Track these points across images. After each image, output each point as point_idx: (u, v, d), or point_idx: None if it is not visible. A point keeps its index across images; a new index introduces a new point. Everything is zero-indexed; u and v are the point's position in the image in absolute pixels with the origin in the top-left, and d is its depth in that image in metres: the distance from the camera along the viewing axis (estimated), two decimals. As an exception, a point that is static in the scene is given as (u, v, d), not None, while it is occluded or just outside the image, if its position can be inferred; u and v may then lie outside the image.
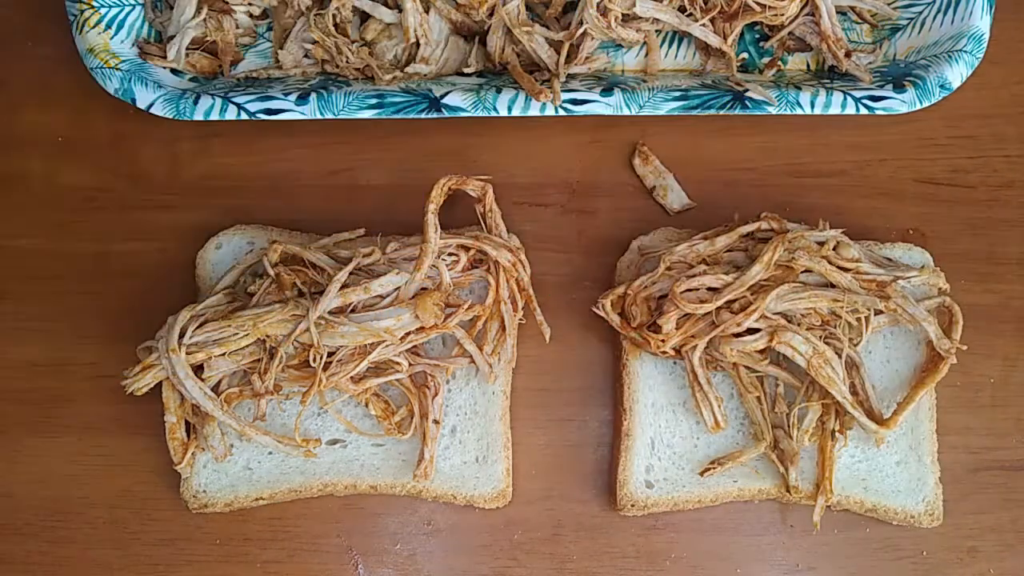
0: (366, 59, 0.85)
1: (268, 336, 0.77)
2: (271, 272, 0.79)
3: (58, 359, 0.87)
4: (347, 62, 0.85)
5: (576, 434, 0.86)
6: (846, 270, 0.80)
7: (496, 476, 0.82)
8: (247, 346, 0.77)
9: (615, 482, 0.82)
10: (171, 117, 0.82)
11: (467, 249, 0.80)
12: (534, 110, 0.81)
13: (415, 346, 0.80)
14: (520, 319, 0.82)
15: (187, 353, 0.76)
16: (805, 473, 0.81)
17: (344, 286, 0.77)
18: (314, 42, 0.86)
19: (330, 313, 0.77)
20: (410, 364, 0.80)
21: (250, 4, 0.87)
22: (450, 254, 0.80)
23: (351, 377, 0.78)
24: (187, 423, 0.81)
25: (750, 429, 0.82)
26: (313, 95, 0.82)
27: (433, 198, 0.79)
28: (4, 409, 0.87)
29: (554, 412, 0.86)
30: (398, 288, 0.78)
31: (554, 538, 0.85)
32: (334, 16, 0.84)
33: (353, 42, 0.86)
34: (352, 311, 0.78)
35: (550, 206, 0.89)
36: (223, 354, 0.77)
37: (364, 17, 0.86)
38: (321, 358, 0.76)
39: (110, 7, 0.85)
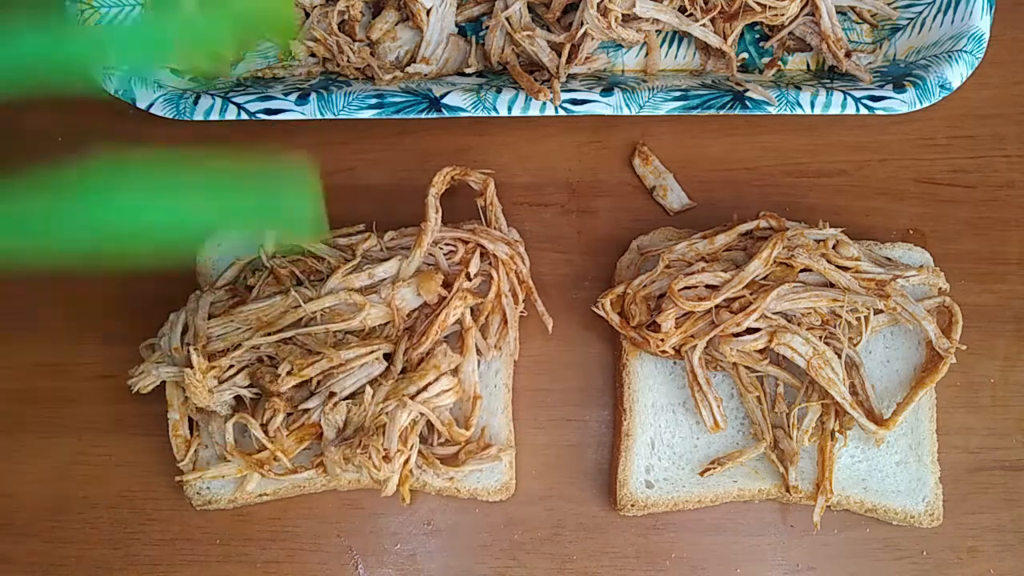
0: (367, 59, 0.85)
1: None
2: (267, 263, 0.80)
3: (58, 359, 0.87)
4: (348, 61, 0.85)
5: (576, 434, 0.86)
6: (845, 269, 0.80)
7: (499, 468, 0.82)
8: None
9: (615, 482, 0.82)
10: (171, 117, 0.82)
11: (465, 242, 0.80)
12: (534, 110, 0.81)
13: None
14: (522, 311, 0.82)
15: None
16: (805, 473, 0.81)
17: (347, 272, 0.78)
18: (316, 40, 0.86)
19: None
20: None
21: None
22: (446, 244, 0.80)
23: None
24: (190, 420, 0.81)
25: (750, 429, 0.82)
26: (313, 95, 0.82)
27: (435, 183, 0.79)
28: (4, 409, 0.87)
29: (554, 412, 0.86)
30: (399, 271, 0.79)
31: (554, 538, 0.85)
32: (341, 14, 0.84)
33: (356, 41, 0.86)
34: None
35: (550, 206, 0.89)
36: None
37: (374, 14, 0.86)
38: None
39: (110, 7, 0.85)
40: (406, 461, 0.77)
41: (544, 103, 0.81)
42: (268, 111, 0.82)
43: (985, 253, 0.88)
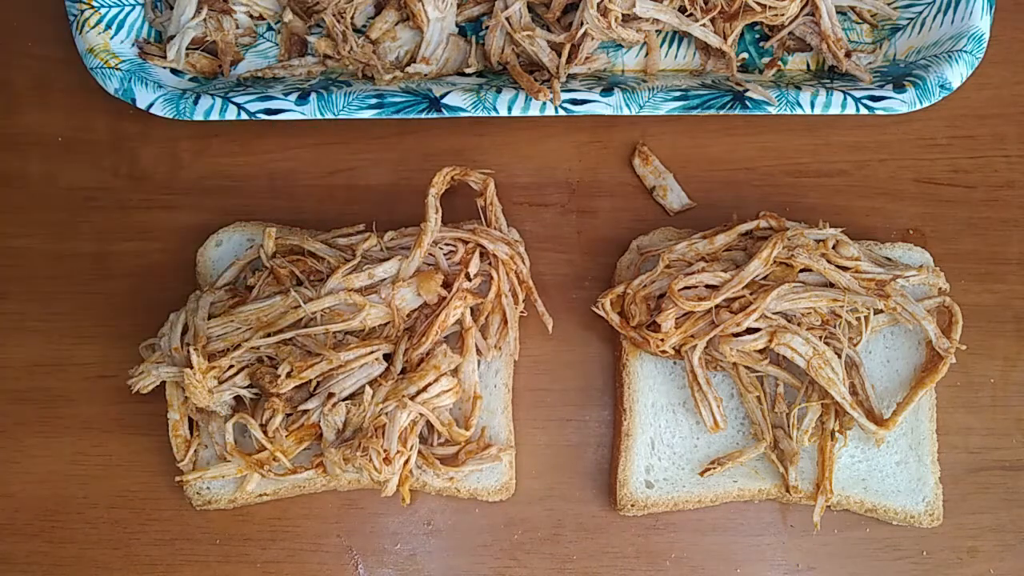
0: (369, 55, 0.85)
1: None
2: (267, 263, 0.80)
3: (58, 359, 0.87)
4: (350, 52, 0.85)
5: (576, 434, 0.86)
6: (845, 269, 0.80)
7: (499, 468, 0.82)
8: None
9: (615, 482, 0.82)
10: (171, 117, 0.82)
11: (465, 242, 0.80)
12: (534, 110, 0.81)
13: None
14: (522, 311, 0.82)
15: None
16: (805, 473, 0.81)
17: (347, 272, 0.78)
18: (317, 34, 0.86)
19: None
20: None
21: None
22: (446, 244, 0.80)
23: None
24: (190, 420, 0.81)
25: (750, 429, 0.82)
26: (313, 95, 0.82)
27: (435, 183, 0.80)
28: (4, 409, 0.87)
29: (554, 412, 0.86)
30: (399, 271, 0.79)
31: (554, 538, 0.85)
32: (343, 12, 0.85)
33: (360, 36, 0.86)
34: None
35: (550, 206, 0.89)
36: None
37: (374, 14, 0.87)
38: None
39: (110, 7, 0.85)
40: (406, 462, 0.77)
41: (544, 103, 0.81)
42: (268, 111, 0.82)
43: (985, 253, 0.88)
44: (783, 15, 0.84)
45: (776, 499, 0.83)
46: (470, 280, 0.79)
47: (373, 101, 0.82)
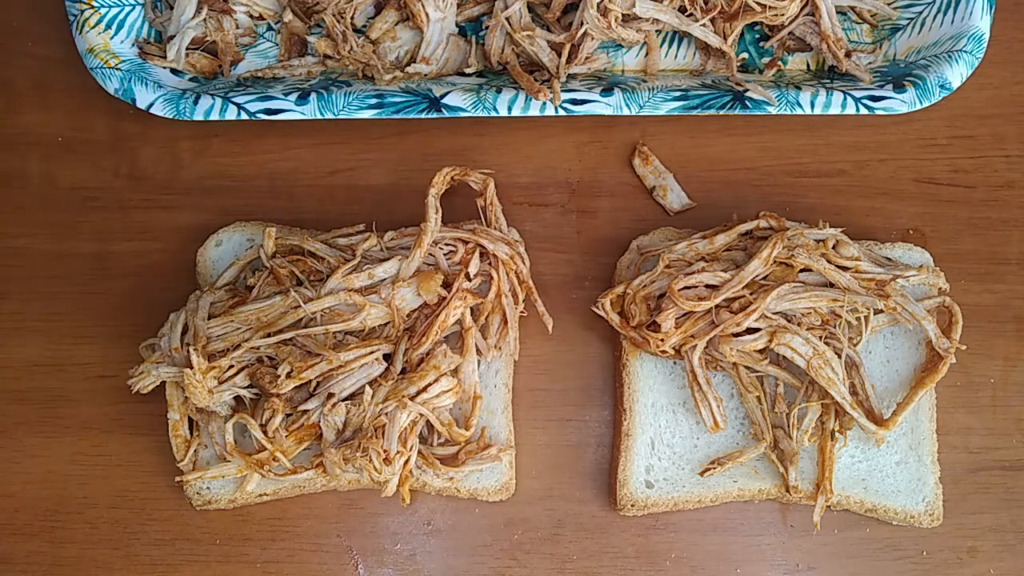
0: (369, 55, 0.85)
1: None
2: (267, 263, 0.80)
3: (58, 359, 0.87)
4: (350, 52, 0.85)
5: (576, 434, 0.86)
6: (845, 269, 0.80)
7: (499, 468, 0.82)
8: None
9: (615, 482, 0.82)
10: (171, 117, 0.82)
11: (465, 242, 0.80)
12: (534, 110, 0.81)
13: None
14: (522, 311, 0.82)
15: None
16: (805, 473, 0.81)
17: (347, 272, 0.78)
18: (317, 34, 0.86)
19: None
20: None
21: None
22: (446, 244, 0.80)
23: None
24: (190, 420, 0.81)
25: (750, 429, 0.82)
26: (313, 95, 0.82)
27: (435, 183, 0.80)
28: (4, 409, 0.87)
29: (554, 412, 0.86)
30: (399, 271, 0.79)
31: (554, 538, 0.85)
32: (343, 12, 0.85)
33: (360, 36, 0.86)
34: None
35: (550, 206, 0.89)
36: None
37: (374, 14, 0.87)
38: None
39: (110, 7, 0.85)
40: (406, 462, 0.77)
41: (544, 103, 0.81)
42: (268, 111, 0.82)
43: (985, 253, 0.88)
44: (783, 15, 0.84)
45: (776, 499, 0.83)
46: (470, 280, 0.79)
47: (373, 101, 0.82)
